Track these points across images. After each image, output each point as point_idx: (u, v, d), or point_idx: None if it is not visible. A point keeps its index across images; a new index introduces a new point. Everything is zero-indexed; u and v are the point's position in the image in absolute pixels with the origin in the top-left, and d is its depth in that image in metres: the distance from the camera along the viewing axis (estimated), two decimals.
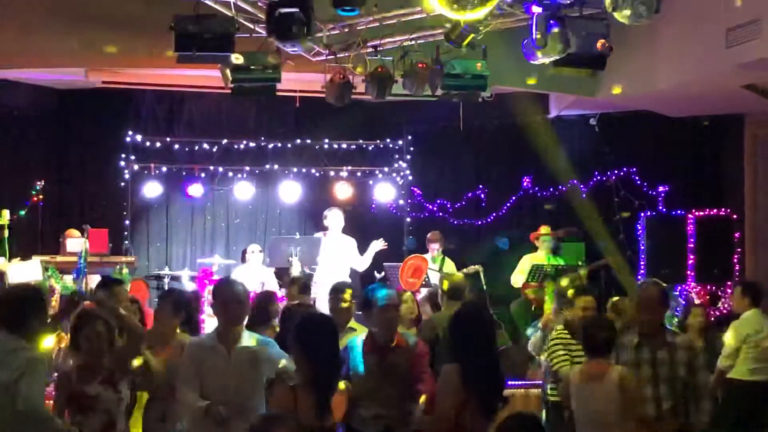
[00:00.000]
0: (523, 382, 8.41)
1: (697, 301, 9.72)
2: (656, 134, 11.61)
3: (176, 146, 11.56)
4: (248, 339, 5.09)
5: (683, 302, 9.83)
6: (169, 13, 7.60)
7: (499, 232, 11.72)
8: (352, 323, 6.29)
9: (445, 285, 7.44)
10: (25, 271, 9.30)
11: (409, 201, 12.15)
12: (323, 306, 7.59)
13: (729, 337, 7.28)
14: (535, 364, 8.05)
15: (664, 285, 5.61)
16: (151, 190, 11.38)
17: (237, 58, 8.06)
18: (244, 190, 11.67)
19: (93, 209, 11.49)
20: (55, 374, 5.69)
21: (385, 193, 11.94)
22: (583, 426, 5.09)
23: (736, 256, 10.31)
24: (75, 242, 9.99)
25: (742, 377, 7.22)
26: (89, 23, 9.51)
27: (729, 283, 9.80)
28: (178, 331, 5.76)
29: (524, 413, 4.47)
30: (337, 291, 6.42)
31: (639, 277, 10.13)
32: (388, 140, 12.07)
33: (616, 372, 5.05)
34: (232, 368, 4.96)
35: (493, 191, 12.05)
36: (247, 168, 11.69)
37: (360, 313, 5.87)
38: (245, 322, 5.26)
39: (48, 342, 5.57)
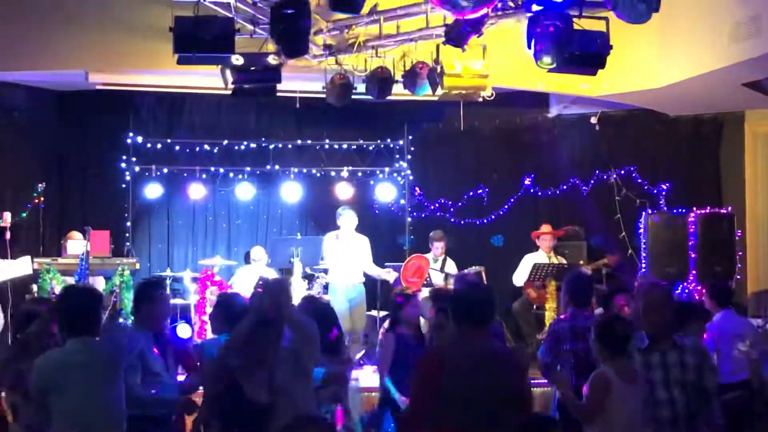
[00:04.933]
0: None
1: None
2: (657, 132, 11.59)
3: (177, 147, 11.55)
4: None
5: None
6: (169, 14, 7.60)
7: (500, 231, 11.72)
8: None
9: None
10: (13, 267, 9.34)
11: (411, 201, 12.15)
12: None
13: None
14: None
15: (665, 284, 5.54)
16: (153, 191, 11.38)
17: (237, 59, 8.05)
18: (245, 190, 11.67)
19: (94, 211, 11.49)
20: None
21: (386, 193, 11.91)
22: (623, 428, 4.87)
23: (737, 255, 10.29)
24: (76, 244, 9.99)
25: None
26: (89, 25, 9.52)
27: (730, 281, 9.79)
28: None
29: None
30: None
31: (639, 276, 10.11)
32: (389, 140, 12.05)
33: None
34: None
35: (494, 191, 12.01)
36: (248, 169, 11.69)
37: None
38: None
39: None
